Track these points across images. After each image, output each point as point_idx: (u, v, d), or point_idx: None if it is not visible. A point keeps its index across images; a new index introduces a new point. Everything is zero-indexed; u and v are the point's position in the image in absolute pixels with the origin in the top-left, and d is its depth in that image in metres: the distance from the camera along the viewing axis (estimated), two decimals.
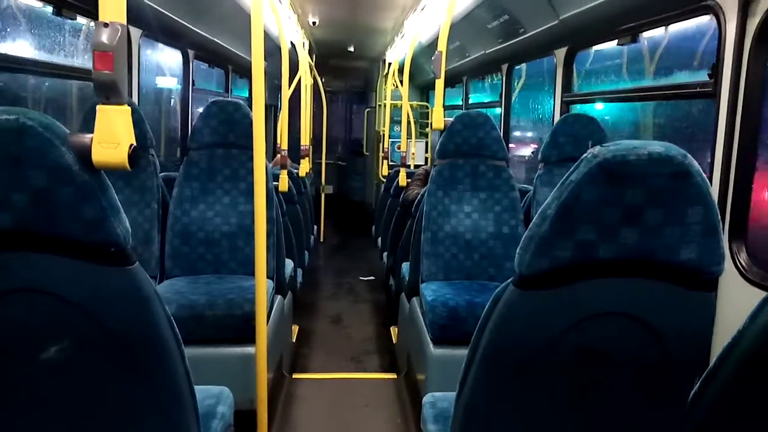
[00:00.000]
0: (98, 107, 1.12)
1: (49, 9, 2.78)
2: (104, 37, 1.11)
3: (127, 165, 1.10)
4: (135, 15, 3.27)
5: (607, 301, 1.13)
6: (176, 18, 3.60)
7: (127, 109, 1.14)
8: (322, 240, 7.83)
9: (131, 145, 1.12)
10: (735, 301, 2.05)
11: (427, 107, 8.65)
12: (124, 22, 1.14)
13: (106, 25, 1.12)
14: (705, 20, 2.54)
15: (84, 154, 1.03)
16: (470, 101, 6.43)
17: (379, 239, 5.54)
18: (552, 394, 1.24)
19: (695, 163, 1.04)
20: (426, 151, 8.17)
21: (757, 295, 1.57)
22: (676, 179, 1.02)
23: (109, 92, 1.11)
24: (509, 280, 1.16)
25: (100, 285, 1.09)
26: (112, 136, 1.09)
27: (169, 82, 5.13)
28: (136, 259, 1.11)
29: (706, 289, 1.14)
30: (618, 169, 1.02)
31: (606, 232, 1.05)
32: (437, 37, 3.12)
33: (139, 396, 1.22)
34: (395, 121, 7.69)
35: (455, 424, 1.36)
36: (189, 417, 1.31)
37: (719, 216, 1.08)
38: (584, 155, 1.05)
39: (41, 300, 1.08)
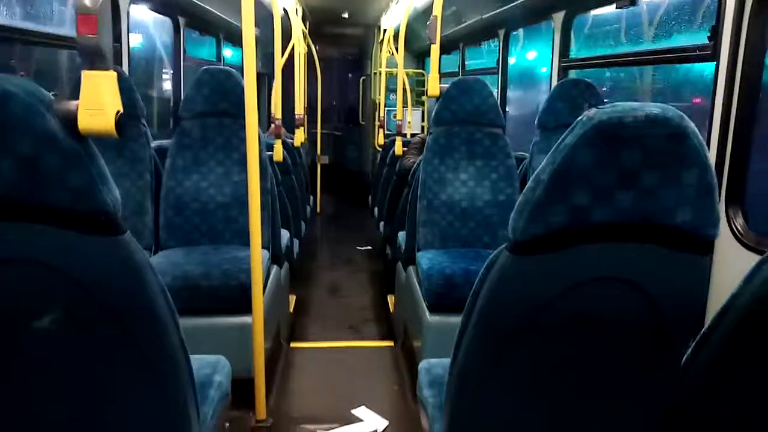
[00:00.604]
0: (83, 73, 1.09)
1: None
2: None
3: (114, 132, 1.08)
4: None
5: (602, 266, 1.13)
6: None
7: (112, 74, 1.11)
8: (318, 210, 7.82)
9: (118, 111, 1.10)
10: (730, 265, 2.05)
11: (423, 75, 8.54)
12: None
13: None
14: None
15: (70, 120, 1.01)
16: (467, 68, 6.35)
17: (376, 209, 5.53)
18: (545, 358, 1.24)
19: (692, 125, 1.02)
20: (422, 120, 8.10)
21: (752, 259, 1.57)
22: (672, 141, 1.01)
23: (94, 57, 1.09)
24: (503, 246, 1.16)
25: (91, 255, 1.08)
26: (98, 102, 1.07)
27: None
28: (127, 229, 1.09)
29: (700, 252, 1.13)
30: (614, 130, 1.00)
31: (601, 196, 1.04)
32: (432, 2, 3.06)
33: (134, 365, 1.22)
34: (391, 90, 7.60)
35: (450, 389, 1.37)
36: (185, 386, 1.31)
37: (715, 178, 1.06)
38: (579, 117, 1.03)
39: (32, 270, 1.06)
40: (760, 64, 2.03)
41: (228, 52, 6.23)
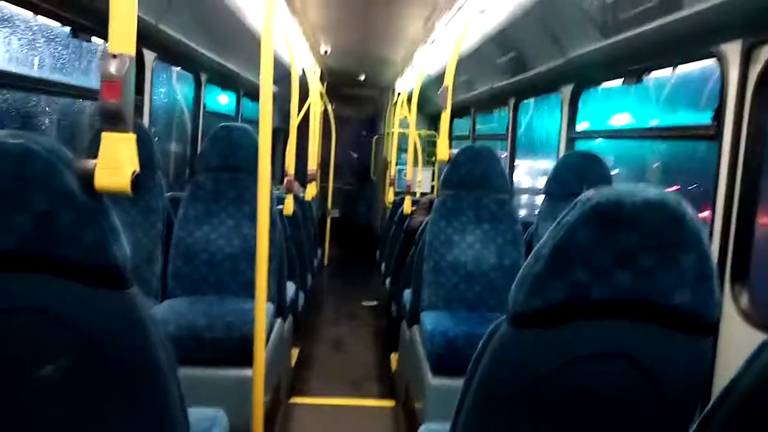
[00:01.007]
0: (103, 134, 1.15)
1: (66, 29, 2.86)
2: (113, 67, 1.14)
3: (130, 191, 1.13)
4: (149, 39, 3.35)
5: (602, 342, 1.14)
6: (189, 42, 3.68)
7: (132, 136, 1.17)
8: (326, 263, 7.83)
9: (134, 171, 1.15)
10: (737, 344, 2.04)
11: (435, 136, 8.72)
12: (133, 53, 1.18)
13: (114, 56, 1.15)
14: (710, 63, 2.59)
15: (87, 178, 1.06)
16: (477, 132, 6.49)
17: (383, 264, 5.55)
18: (544, 431, 1.24)
19: (690, 209, 1.06)
20: (432, 179, 8.21)
21: (758, 338, 1.56)
22: (669, 225, 1.04)
23: (116, 120, 1.14)
24: (503, 317, 1.18)
25: (98, 307, 1.11)
26: (115, 162, 1.12)
27: None
28: (134, 283, 1.13)
29: (701, 333, 1.14)
30: (611, 212, 1.04)
31: (599, 274, 1.07)
32: (445, 70, 3.18)
33: (132, 418, 1.23)
34: (403, 149, 7.75)
35: None
36: None
37: (713, 262, 1.09)
38: (578, 197, 1.08)
39: (39, 320, 1.09)
40: (762, 145, 2.08)
41: (225, 99, 6.41)
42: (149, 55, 3.50)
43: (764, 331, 1.93)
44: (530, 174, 6.13)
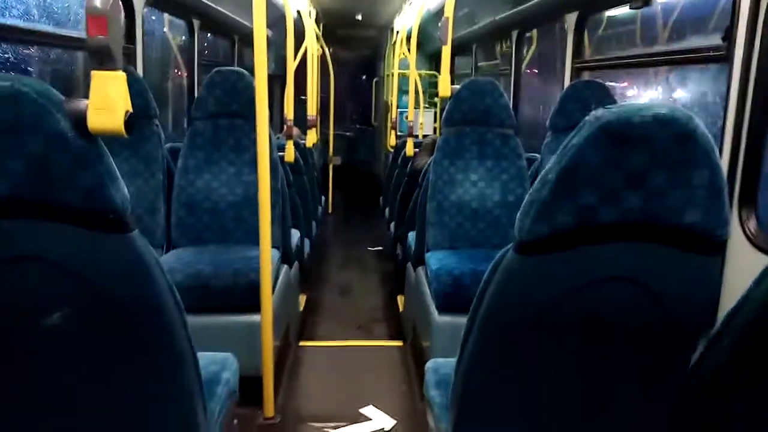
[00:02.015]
0: (92, 73, 1.10)
1: None
2: (97, 1, 1.09)
3: (124, 131, 1.09)
4: None
5: (609, 266, 1.12)
6: None
7: (122, 75, 1.13)
8: (330, 211, 7.85)
9: (127, 111, 1.11)
10: (743, 267, 2.03)
11: (436, 76, 8.53)
12: None
13: None
14: None
15: (80, 120, 1.03)
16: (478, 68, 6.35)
17: (387, 209, 5.54)
18: (552, 359, 1.24)
19: (701, 125, 1.02)
20: (435, 121, 8.09)
21: (765, 261, 1.55)
22: (680, 141, 1.00)
23: (104, 57, 1.10)
24: (509, 246, 1.15)
25: (100, 252, 1.09)
26: (107, 102, 1.08)
27: None
28: (136, 227, 1.11)
29: (710, 253, 1.12)
30: (621, 131, 1.00)
31: (608, 196, 1.04)
32: (445, 4, 3.06)
33: (141, 362, 1.23)
34: (404, 91, 7.61)
35: (455, 389, 1.37)
36: (192, 382, 1.32)
37: (725, 179, 1.05)
38: (586, 118, 1.03)
39: (40, 267, 1.08)
40: None
41: None
42: (138, 2, 3.38)
43: None
44: None
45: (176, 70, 5.41)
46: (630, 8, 3.06)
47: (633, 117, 0.99)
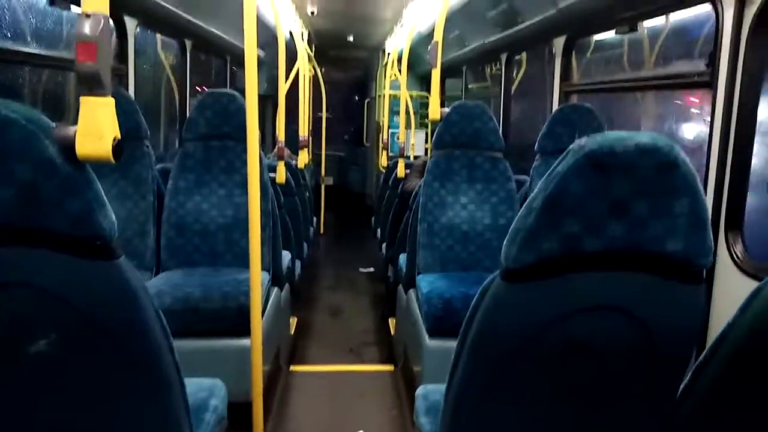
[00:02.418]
0: (81, 99, 1.11)
1: None
2: (87, 27, 1.09)
3: (112, 158, 1.10)
4: (130, 5, 3.25)
5: (595, 294, 1.12)
6: (173, 8, 3.57)
7: (110, 100, 1.13)
8: (322, 232, 7.83)
9: (116, 137, 1.11)
10: (730, 292, 2.04)
11: (427, 97, 8.60)
12: (107, 12, 1.13)
13: (88, 15, 1.10)
14: (704, 9, 2.52)
15: (68, 146, 1.03)
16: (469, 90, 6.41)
17: (379, 230, 5.54)
18: (540, 387, 1.24)
19: (682, 154, 1.03)
20: (426, 142, 8.14)
21: (752, 286, 1.56)
22: (662, 170, 1.01)
23: (92, 84, 1.10)
24: (496, 273, 1.16)
25: (87, 279, 1.09)
26: (95, 128, 1.08)
27: None
28: (122, 253, 1.11)
29: (694, 281, 1.13)
30: (604, 159, 1.01)
31: (592, 225, 1.04)
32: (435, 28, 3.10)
33: (128, 389, 1.22)
34: (395, 112, 7.67)
35: (445, 416, 1.36)
36: (179, 410, 1.31)
37: (707, 208, 1.07)
38: (571, 146, 1.04)
39: (27, 293, 1.07)
40: (757, 90, 2.04)
41: None
42: (131, 22, 3.41)
43: (758, 279, 1.92)
44: None
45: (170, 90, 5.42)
46: (616, 33, 3.11)
47: (616, 146, 1.00)
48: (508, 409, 1.27)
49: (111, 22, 1.14)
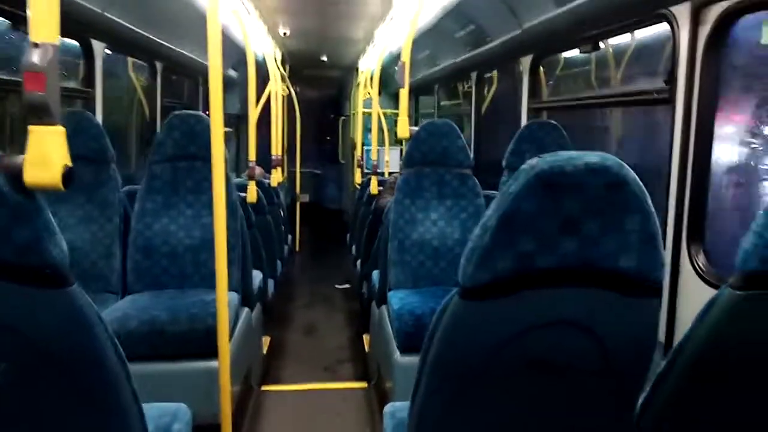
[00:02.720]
0: (30, 128, 1.10)
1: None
2: (35, 57, 1.09)
3: (61, 186, 1.09)
4: (96, 28, 3.24)
5: (550, 311, 1.14)
6: (141, 31, 3.56)
7: (60, 129, 1.12)
8: (297, 249, 7.80)
9: (65, 165, 1.10)
10: (694, 302, 2.08)
11: None
12: (56, 42, 1.12)
13: (36, 45, 1.10)
14: (664, 28, 2.59)
15: (16, 175, 1.02)
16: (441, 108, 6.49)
17: (354, 247, 5.54)
18: (501, 403, 1.24)
19: (631, 173, 1.05)
20: (401, 158, 8.18)
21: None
22: (611, 189, 1.03)
23: (41, 113, 1.10)
24: (454, 291, 1.16)
25: (37, 308, 1.07)
26: (44, 157, 1.08)
27: None
28: (74, 281, 1.09)
29: (647, 295, 1.15)
30: (555, 179, 1.03)
31: (545, 243, 1.06)
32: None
33: (83, 417, 1.20)
34: (368, 129, 7.71)
35: None
36: None
37: (657, 224, 1.09)
38: (522, 166, 1.06)
39: None
40: (713, 105, 2.10)
41: None
42: (98, 46, 3.38)
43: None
44: None
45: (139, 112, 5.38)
46: (580, 52, 3.19)
47: (566, 166, 1.02)
48: (471, 425, 1.27)
49: (76, 43, 1.14)
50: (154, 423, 1.53)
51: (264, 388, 3.40)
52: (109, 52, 3.56)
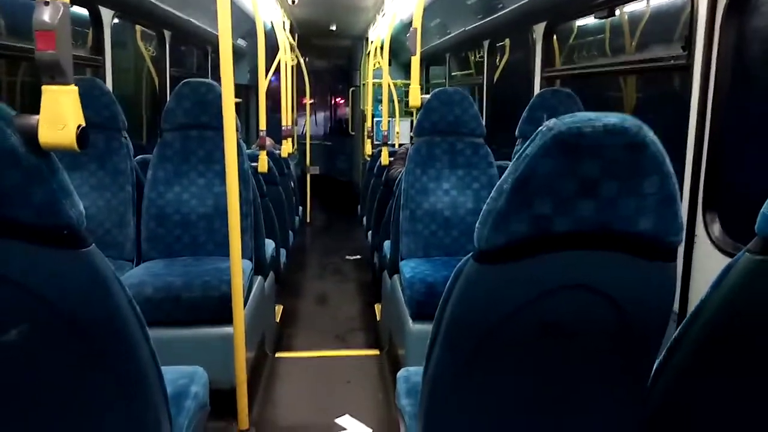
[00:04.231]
0: (43, 88, 1.10)
1: None
2: (46, 15, 1.09)
3: (76, 146, 1.09)
4: None
5: (566, 274, 1.13)
6: None
7: (73, 89, 1.12)
8: (308, 221, 7.82)
9: (80, 125, 1.10)
10: (707, 270, 2.08)
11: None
12: (67, 0, 1.12)
13: (47, 3, 1.09)
14: None
15: (31, 135, 1.02)
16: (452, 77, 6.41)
17: (365, 218, 5.55)
18: (514, 367, 1.25)
19: (651, 134, 1.03)
20: (411, 130, 8.13)
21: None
22: (631, 150, 1.02)
23: (54, 72, 1.10)
24: (469, 255, 1.16)
25: (55, 268, 1.08)
26: (58, 116, 1.08)
27: None
28: (92, 242, 1.10)
29: (665, 258, 1.14)
30: (573, 141, 1.01)
31: (562, 205, 1.05)
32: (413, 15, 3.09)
33: (102, 377, 1.22)
34: (379, 100, 7.65)
35: (422, 397, 1.38)
36: (156, 398, 1.30)
37: (676, 186, 1.08)
38: (540, 128, 1.05)
39: None
40: (732, 71, 2.06)
41: None
42: (107, 13, 3.36)
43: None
44: None
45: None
46: (594, 18, 3.13)
47: (584, 127, 1.01)
48: (484, 388, 1.29)
49: (85, 10, 1.13)
50: (172, 385, 1.56)
51: (278, 354, 3.45)
52: (117, 21, 3.54)
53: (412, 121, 8.17)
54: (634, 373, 1.27)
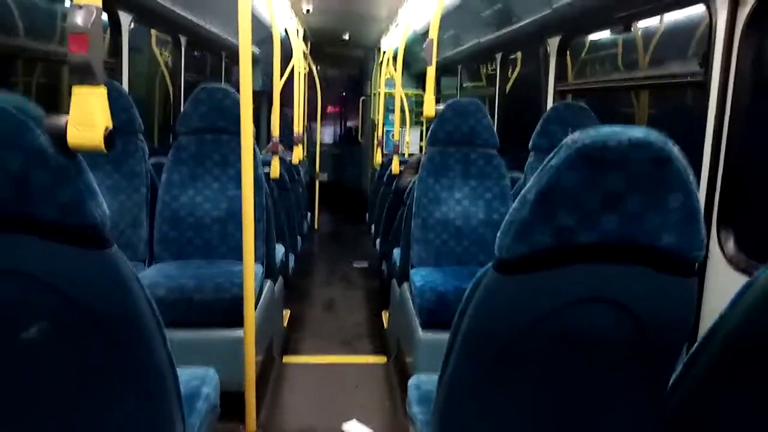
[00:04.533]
0: (73, 89, 1.12)
1: None
2: (79, 18, 1.10)
3: (103, 147, 1.10)
4: (125, 0, 3.25)
5: (588, 287, 1.13)
6: (168, 4, 3.57)
7: (102, 90, 1.14)
8: (316, 227, 7.84)
9: (107, 127, 1.12)
10: (722, 287, 2.07)
11: (422, 95, 8.60)
12: (100, 4, 1.14)
13: (80, 7, 1.11)
14: (698, 10, 2.54)
15: (59, 136, 1.03)
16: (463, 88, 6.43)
17: (373, 226, 5.56)
18: (532, 379, 1.25)
19: (676, 149, 1.04)
20: (421, 139, 8.16)
21: (743, 282, 1.59)
22: (655, 165, 1.02)
23: (84, 74, 1.11)
24: (489, 264, 1.17)
25: (78, 267, 1.09)
26: (87, 118, 1.09)
27: None
28: (114, 242, 1.11)
29: (686, 274, 1.14)
30: (597, 154, 1.02)
31: (586, 218, 1.05)
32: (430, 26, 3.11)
33: (119, 377, 1.22)
34: (390, 110, 7.68)
35: (437, 406, 1.37)
36: (171, 397, 1.31)
37: (699, 202, 1.08)
38: (564, 140, 1.05)
39: (18, 281, 1.07)
40: (750, 88, 2.06)
41: None
42: (125, 17, 3.40)
43: (749, 275, 1.94)
44: None
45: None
46: (611, 33, 3.14)
47: (609, 141, 1.01)
48: (501, 399, 1.29)
49: (104, 14, 1.15)
50: (185, 386, 1.56)
51: (285, 359, 3.45)
52: (133, 25, 3.58)
53: (421, 131, 8.20)
54: (651, 387, 1.27)
